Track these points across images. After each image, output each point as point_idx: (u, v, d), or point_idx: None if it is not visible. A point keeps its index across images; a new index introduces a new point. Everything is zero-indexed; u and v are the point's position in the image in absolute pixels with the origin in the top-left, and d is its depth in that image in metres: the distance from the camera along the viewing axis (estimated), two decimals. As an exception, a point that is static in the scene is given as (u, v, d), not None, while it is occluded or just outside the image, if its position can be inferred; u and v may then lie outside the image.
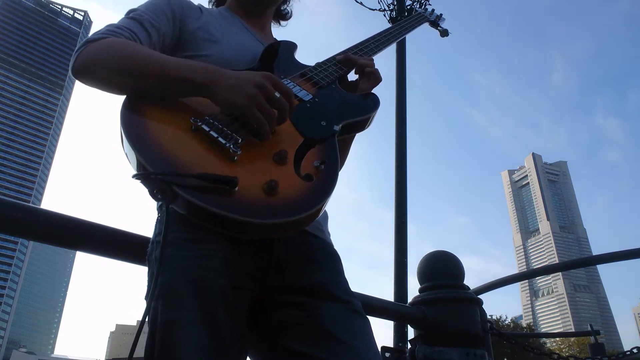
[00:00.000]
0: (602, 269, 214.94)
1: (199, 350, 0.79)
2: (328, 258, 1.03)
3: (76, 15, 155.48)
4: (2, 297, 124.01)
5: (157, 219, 0.96)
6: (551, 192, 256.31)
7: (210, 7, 1.40)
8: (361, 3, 4.98)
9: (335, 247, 1.09)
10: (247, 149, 0.87)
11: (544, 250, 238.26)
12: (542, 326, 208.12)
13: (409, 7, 4.82)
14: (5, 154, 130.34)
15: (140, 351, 0.79)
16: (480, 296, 1.86)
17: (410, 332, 1.91)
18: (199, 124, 0.87)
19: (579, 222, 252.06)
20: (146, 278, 0.92)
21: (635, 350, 2.25)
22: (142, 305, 0.83)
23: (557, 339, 46.02)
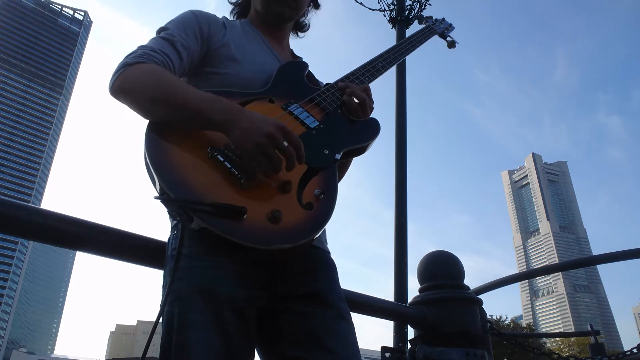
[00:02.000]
0: (602, 269, 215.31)
1: (211, 350, 0.89)
2: (327, 268, 1.14)
3: (76, 15, 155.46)
4: (2, 297, 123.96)
5: (172, 236, 1.05)
6: (551, 192, 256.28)
7: (233, 19, 1.45)
8: (361, 3, 4.98)
9: (336, 246, 1.18)
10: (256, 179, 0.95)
11: (544, 250, 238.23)
12: (542, 326, 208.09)
13: (408, 7, 4.81)
14: (5, 154, 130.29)
15: (140, 352, 0.93)
16: (480, 296, 1.86)
17: (410, 332, 1.92)
18: (215, 153, 0.95)
19: (579, 222, 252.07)
20: (160, 288, 1.01)
21: (635, 350, 2.25)
22: (142, 305, 1.05)
23: (557, 339, 46.02)
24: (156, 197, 0.87)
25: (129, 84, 1.03)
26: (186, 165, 0.92)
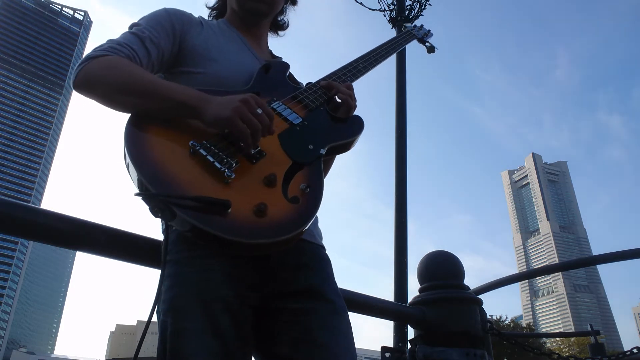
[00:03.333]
0: (602, 269, 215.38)
1: (206, 354, 0.88)
2: (321, 263, 1.12)
3: (76, 15, 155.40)
4: (2, 297, 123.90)
5: (163, 240, 1.03)
6: (551, 192, 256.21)
7: (210, 19, 1.43)
8: (361, 3, 4.98)
9: (336, 245, 1.25)
10: (240, 172, 0.93)
11: (544, 250, 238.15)
12: (542, 326, 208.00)
13: (408, 7, 4.82)
14: (5, 154, 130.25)
15: (140, 352, 0.86)
16: (480, 296, 1.86)
17: (410, 332, 1.92)
18: (197, 148, 0.93)
19: (579, 222, 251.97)
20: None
21: (635, 350, 2.24)
22: (142, 305, 1.07)
23: (557, 339, 46.00)
24: (137, 194, 0.84)
25: (93, 76, 1.01)
26: (167, 160, 0.90)
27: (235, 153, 0.96)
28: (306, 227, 0.92)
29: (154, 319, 0.92)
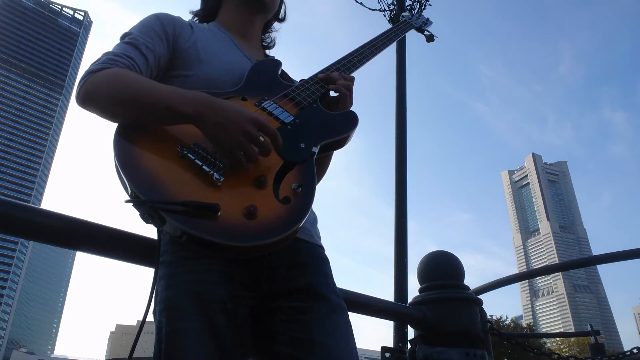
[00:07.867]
0: (602, 269, 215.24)
1: (202, 354, 0.88)
2: (318, 262, 1.11)
3: (76, 15, 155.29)
4: (2, 297, 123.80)
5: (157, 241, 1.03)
6: (551, 192, 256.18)
7: (194, 20, 1.42)
8: (361, 3, 4.97)
9: (336, 244, 1.23)
10: (229, 174, 0.92)
11: (544, 250, 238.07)
12: (542, 326, 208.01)
13: (408, 7, 4.81)
14: (5, 154, 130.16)
15: (140, 352, 0.89)
16: (480, 296, 1.86)
17: (410, 332, 1.92)
18: (185, 152, 0.93)
19: (579, 222, 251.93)
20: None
21: (635, 350, 2.25)
22: (143, 305, 0.89)
23: (557, 339, 46.00)
24: (127, 201, 0.85)
25: (95, 90, 1.01)
26: (156, 166, 0.90)
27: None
28: (298, 227, 0.91)
29: (151, 319, 0.92)
